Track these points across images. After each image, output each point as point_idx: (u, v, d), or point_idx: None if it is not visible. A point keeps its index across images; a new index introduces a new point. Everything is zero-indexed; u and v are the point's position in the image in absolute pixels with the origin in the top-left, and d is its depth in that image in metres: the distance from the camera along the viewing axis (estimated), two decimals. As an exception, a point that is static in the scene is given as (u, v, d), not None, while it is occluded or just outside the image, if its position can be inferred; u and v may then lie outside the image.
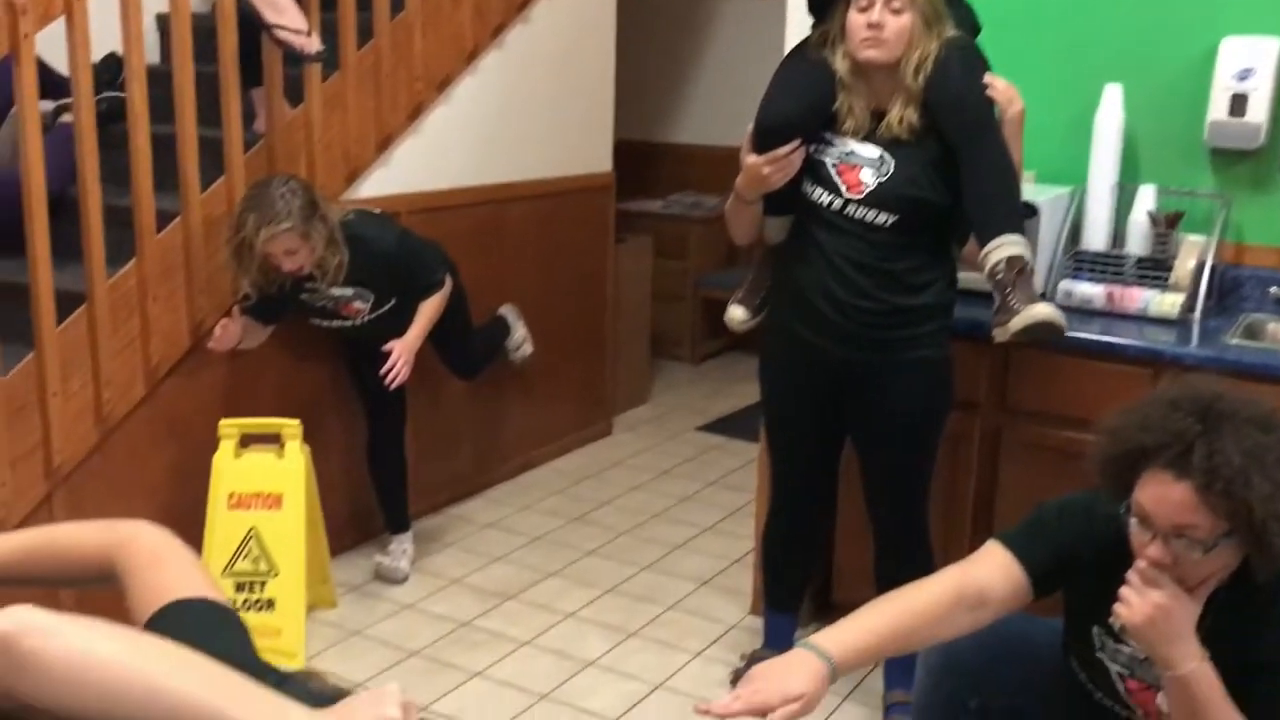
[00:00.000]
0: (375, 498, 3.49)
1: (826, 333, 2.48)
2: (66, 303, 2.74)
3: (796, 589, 2.87)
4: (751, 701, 1.56)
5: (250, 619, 2.61)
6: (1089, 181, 2.93)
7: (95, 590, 1.34)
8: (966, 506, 2.82)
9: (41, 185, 2.61)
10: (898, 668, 2.67)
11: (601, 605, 3.30)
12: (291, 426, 2.94)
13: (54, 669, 0.97)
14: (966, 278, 2.62)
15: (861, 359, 2.47)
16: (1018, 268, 2.32)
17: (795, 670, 1.59)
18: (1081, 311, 2.77)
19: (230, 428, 2.92)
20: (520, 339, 3.93)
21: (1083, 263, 2.89)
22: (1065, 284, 2.84)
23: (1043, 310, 2.31)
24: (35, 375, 2.69)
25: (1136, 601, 1.56)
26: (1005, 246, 2.33)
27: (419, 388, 3.45)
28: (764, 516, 2.90)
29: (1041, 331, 2.32)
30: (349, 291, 3.09)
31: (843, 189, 2.42)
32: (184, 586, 1.23)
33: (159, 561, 1.27)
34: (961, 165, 2.35)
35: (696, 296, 5.75)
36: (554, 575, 3.48)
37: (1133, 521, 1.58)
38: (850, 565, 2.97)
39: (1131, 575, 1.57)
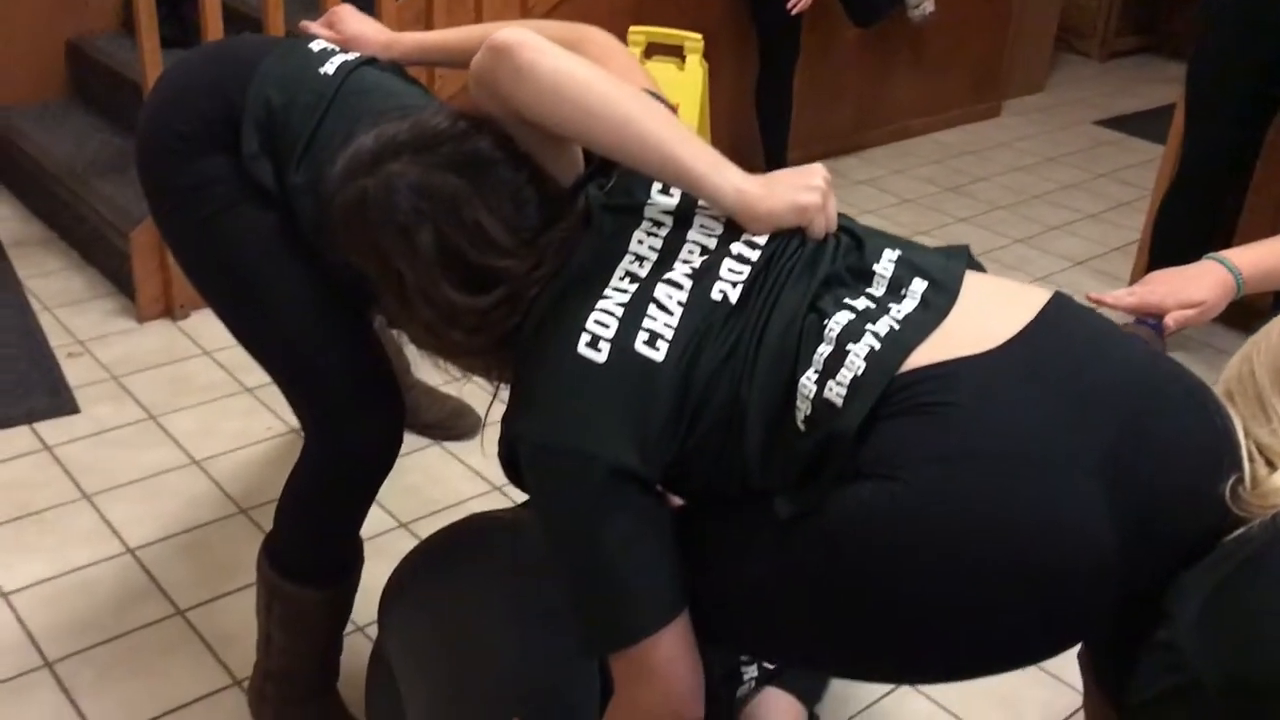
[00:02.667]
0: (759, 133, 3.56)
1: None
2: (503, -107, 2.89)
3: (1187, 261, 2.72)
4: (1146, 300, 1.52)
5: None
6: None
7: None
8: None
9: None
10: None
11: (968, 266, 3.28)
12: (694, 40, 3.02)
13: (543, 81, 1.11)
14: None
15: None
16: None
17: (1198, 278, 1.52)
18: None
19: (638, 34, 3.04)
20: (923, -6, 3.77)
21: None
22: None
23: None
24: (473, -41, 2.89)
25: None
26: None
27: (812, 32, 3.41)
28: (1155, 213, 2.73)
29: None
30: (764, -90, 3.06)
31: None
32: (632, 80, 1.33)
33: (610, 55, 1.39)
34: None
35: (1117, -16, 5.24)
36: (922, 234, 3.48)
37: None
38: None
39: None
